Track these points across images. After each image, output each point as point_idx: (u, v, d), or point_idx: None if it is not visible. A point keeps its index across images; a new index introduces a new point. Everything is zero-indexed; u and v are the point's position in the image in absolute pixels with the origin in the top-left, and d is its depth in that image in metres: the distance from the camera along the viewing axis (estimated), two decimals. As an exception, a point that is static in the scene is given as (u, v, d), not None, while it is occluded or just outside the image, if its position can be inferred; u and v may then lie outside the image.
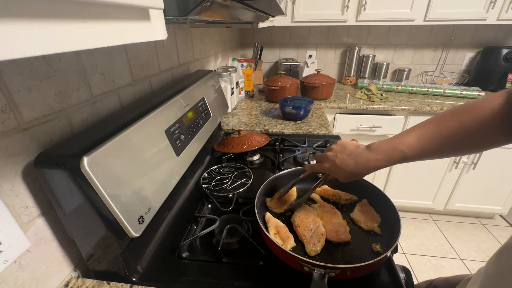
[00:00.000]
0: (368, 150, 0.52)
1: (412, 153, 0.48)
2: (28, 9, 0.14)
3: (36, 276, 0.47)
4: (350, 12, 1.60)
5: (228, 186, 0.81)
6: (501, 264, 0.37)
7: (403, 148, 0.48)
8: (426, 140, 0.47)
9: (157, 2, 0.24)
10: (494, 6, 1.48)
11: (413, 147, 0.48)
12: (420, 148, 0.47)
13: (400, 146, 0.49)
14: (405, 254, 1.66)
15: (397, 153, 0.49)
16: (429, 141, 0.47)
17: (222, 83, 1.29)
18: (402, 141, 0.49)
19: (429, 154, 0.48)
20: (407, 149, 0.48)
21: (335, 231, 0.59)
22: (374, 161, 0.51)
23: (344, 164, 0.53)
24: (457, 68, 1.98)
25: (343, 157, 0.54)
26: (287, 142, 1.10)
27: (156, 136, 0.58)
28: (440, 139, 0.46)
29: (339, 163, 0.54)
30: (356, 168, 0.52)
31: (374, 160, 0.51)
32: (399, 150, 0.48)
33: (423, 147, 0.47)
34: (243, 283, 0.53)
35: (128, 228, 0.44)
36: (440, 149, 0.47)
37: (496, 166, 1.63)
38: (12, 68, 0.41)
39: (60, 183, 0.42)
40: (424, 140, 0.47)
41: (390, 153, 0.49)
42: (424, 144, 0.47)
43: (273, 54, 2.15)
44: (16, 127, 0.42)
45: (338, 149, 0.56)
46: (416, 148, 0.48)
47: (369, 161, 0.51)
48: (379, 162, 0.51)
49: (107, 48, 0.62)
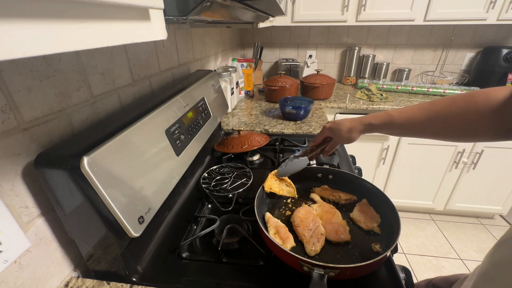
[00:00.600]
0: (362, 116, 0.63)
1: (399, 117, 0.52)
2: (28, 9, 0.14)
3: (36, 276, 0.47)
4: (350, 12, 1.60)
5: (228, 186, 0.81)
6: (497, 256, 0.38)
7: (392, 112, 0.54)
8: (416, 110, 0.51)
9: (157, 2, 0.24)
10: (494, 6, 1.48)
11: (401, 113, 0.53)
12: (407, 116, 0.51)
13: (391, 111, 0.55)
14: (405, 254, 1.66)
15: (385, 114, 0.56)
16: (418, 111, 0.50)
17: (222, 83, 1.29)
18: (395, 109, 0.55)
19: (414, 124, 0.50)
20: (395, 113, 0.54)
21: (334, 231, 0.59)
22: (364, 117, 0.61)
23: (341, 121, 0.66)
24: (457, 68, 1.98)
25: (340, 120, 0.67)
26: (287, 142, 1.10)
27: (156, 136, 0.58)
28: (429, 112, 0.48)
29: (336, 121, 0.67)
30: (350, 122, 0.64)
31: (364, 117, 0.61)
32: (388, 112, 0.55)
33: (410, 115, 0.51)
34: (243, 283, 0.53)
35: (128, 228, 0.44)
36: (426, 122, 0.49)
37: (496, 166, 1.63)
38: (12, 68, 0.41)
39: (60, 183, 0.42)
40: (415, 110, 0.51)
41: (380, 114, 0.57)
42: (412, 113, 0.51)
43: (273, 54, 2.15)
44: (16, 127, 0.42)
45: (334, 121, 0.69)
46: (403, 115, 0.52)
47: (360, 118, 0.62)
48: (368, 118, 0.60)
49: (107, 48, 0.62)
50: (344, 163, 0.93)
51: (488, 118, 0.42)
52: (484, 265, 0.40)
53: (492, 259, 0.38)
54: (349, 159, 0.96)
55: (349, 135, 0.64)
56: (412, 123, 0.50)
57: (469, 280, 0.43)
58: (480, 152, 1.59)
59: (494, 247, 0.39)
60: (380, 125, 0.58)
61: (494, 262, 0.37)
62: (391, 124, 0.54)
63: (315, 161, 0.91)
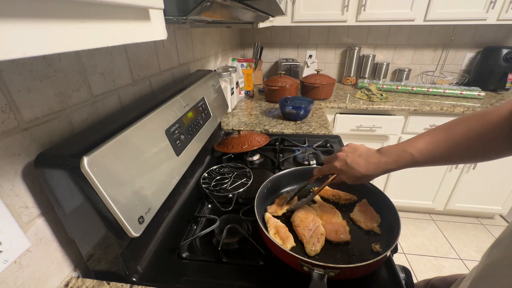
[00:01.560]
0: (378, 153, 0.54)
1: (421, 156, 0.49)
2: (28, 9, 0.14)
3: (36, 276, 0.47)
4: (350, 12, 1.60)
5: (228, 186, 0.81)
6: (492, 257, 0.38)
7: (412, 151, 0.49)
8: (435, 144, 0.48)
9: (157, 2, 0.24)
10: (494, 6, 1.48)
11: (422, 151, 0.49)
12: (429, 152, 0.48)
13: (410, 149, 0.50)
14: (405, 254, 1.66)
15: (406, 156, 0.50)
16: (438, 145, 0.48)
17: (222, 83, 1.29)
18: (412, 145, 0.50)
19: (438, 159, 0.48)
20: (416, 153, 0.49)
21: (334, 231, 0.59)
22: (384, 163, 0.52)
23: (355, 163, 0.54)
24: (457, 68, 1.98)
25: (354, 157, 0.55)
26: (287, 142, 1.10)
27: (156, 136, 0.58)
28: (448, 144, 0.47)
29: (350, 162, 0.54)
30: (367, 168, 0.53)
31: (384, 162, 0.52)
32: (409, 153, 0.50)
33: (431, 151, 0.48)
34: (243, 283, 0.53)
35: (128, 228, 0.44)
36: (449, 154, 0.47)
37: (496, 166, 1.63)
38: (12, 68, 0.41)
39: (60, 183, 0.42)
40: (433, 144, 0.48)
41: (400, 156, 0.51)
42: (432, 148, 0.48)
43: (273, 54, 2.15)
44: (16, 127, 0.42)
45: (349, 150, 0.57)
46: (425, 152, 0.48)
47: (379, 162, 0.52)
48: (389, 164, 0.52)
49: (107, 48, 0.62)
50: (344, 163, 0.93)
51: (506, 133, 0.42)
52: (480, 265, 0.40)
53: (488, 260, 0.38)
54: (349, 159, 0.96)
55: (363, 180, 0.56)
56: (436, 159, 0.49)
57: (466, 280, 0.43)
58: (480, 152, 1.59)
59: (490, 248, 0.39)
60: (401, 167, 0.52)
61: (489, 263, 0.38)
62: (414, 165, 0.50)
63: (315, 160, 0.91)
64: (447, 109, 1.50)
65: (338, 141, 1.11)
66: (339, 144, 1.09)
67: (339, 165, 0.56)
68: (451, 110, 1.49)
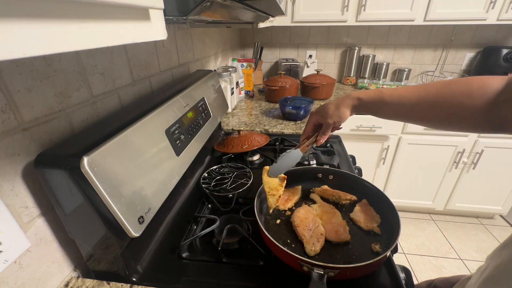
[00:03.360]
0: None
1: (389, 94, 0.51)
2: (28, 9, 0.14)
3: (36, 276, 0.47)
4: (350, 12, 1.60)
5: (228, 186, 0.81)
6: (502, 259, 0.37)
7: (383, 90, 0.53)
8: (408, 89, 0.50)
9: (157, 2, 0.24)
10: (494, 6, 1.48)
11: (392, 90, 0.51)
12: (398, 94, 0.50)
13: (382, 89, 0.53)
14: (405, 254, 1.66)
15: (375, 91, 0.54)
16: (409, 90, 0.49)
17: (222, 83, 1.29)
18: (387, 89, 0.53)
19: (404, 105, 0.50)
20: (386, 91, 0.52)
21: (334, 231, 0.59)
22: (353, 92, 0.58)
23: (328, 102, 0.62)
24: (457, 68, 1.98)
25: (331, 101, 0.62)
26: (287, 142, 1.10)
27: (156, 136, 0.58)
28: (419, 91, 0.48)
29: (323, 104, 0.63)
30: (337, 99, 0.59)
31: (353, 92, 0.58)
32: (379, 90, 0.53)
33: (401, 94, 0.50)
34: (243, 283, 0.53)
35: (128, 228, 0.44)
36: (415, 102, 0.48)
37: (496, 166, 1.63)
38: (12, 68, 0.41)
39: (60, 183, 0.42)
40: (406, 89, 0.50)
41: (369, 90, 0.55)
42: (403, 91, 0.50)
43: (273, 54, 2.15)
44: (16, 127, 0.42)
45: None
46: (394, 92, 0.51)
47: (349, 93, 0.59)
48: (357, 92, 0.57)
49: (107, 48, 0.62)
50: (344, 163, 0.93)
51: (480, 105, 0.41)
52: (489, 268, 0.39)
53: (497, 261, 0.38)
54: (349, 159, 0.97)
55: (337, 112, 0.59)
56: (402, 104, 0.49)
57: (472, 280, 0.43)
58: (480, 152, 1.59)
59: (499, 249, 0.39)
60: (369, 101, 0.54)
61: (499, 265, 0.37)
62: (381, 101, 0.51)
63: (315, 160, 0.91)
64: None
65: (338, 141, 1.11)
66: (339, 144, 1.09)
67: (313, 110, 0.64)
68: (451, 110, 1.49)
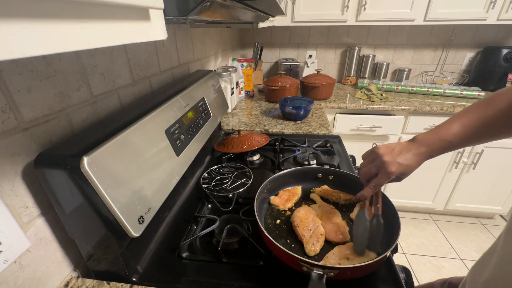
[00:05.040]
0: (417, 143, 0.54)
1: (457, 142, 0.51)
2: (28, 9, 0.14)
3: (36, 276, 0.47)
4: (350, 12, 1.60)
5: (228, 186, 0.81)
6: None
7: (449, 138, 0.52)
8: (469, 128, 0.50)
9: (157, 2, 0.24)
10: (494, 6, 1.48)
11: (458, 136, 0.51)
12: (464, 136, 0.51)
13: (447, 136, 0.52)
14: (405, 254, 1.66)
15: (444, 144, 0.52)
16: (471, 129, 0.50)
17: (222, 83, 1.29)
18: (447, 132, 0.52)
19: (471, 142, 0.51)
20: (453, 139, 0.51)
21: (334, 231, 0.59)
22: (425, 153, 0.53)
23: (406, 160, 0.54)
24: (457, 68, 1.99)
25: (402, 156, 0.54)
26: (287, 142, 1.10)
27: (156, 136, 0.58)
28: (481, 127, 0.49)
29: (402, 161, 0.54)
30: (417, 160, 0.54)
31: (425, 152, 0.53)
32: (446, 141, 0.52)
33: (466, 135, 0.51)
34: (243, 283, 0.53)
35: (128, 228, 0.44)
36: (481, 136, 0.50)
37: (496, 166, 1.63)
38: (12, 68, 0.41)
39: (60, 183, 0.42)
40: (467, 128, 0.51)
41: (438, 144, 0.52)
42: (467, 132, 0.50)
43: (273, 54, 2.15)
44: (16, 127, 0.42)
45: (388, 151, 0.55)
46: (460, 137, 0.51)
47: (420, 154, 0.54)
48: (428, 153, 0.53)
49: (107, 48, 0.62)
50: (344, 163, 0.93)
51: None
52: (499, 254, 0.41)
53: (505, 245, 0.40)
54: (349, 159, 0.97)
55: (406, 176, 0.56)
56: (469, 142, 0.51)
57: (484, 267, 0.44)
58: (480, 152, 1.59)
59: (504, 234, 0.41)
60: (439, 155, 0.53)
61: None
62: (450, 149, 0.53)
63: (315, 160, 0.91)
64: (447, 109, 1.50)
65: (338, 141, 1.11)
66: (339, 144, 1.09)
67: (395, 168, 0.53)
68: (451, 110, 1.49)
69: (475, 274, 0.48)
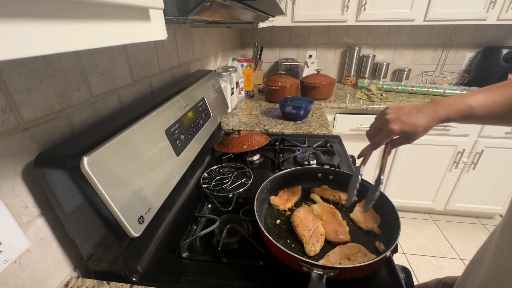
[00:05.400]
0: (433, 103, 0.50)
1: (479, 109, 0.48)
2: (28, 9, 0.14)
3: (36, 276, 0.47)
4: (350, 12, 1.60)
5: (228, 186, 0.81)
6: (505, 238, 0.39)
7: (471, 102, 0.48)
8: (493, 99, 0.47)
9: (157, 2, 0.24)
10: (494, 6, 1.48)
11: (481, 104, 0.48)
12: (487, 107, 0.47)
13: (469, 100, 0.48)
14: (405, 254, 1.66)
15: (465, 106, 0.48)
16: (495, 101, 0.47)
17: (222, 83, 1.29)
18: (470, 97, 0.48)
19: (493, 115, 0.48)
20: (476, 104, 0.48)
21: (334, 231, 0.59)
22: (442, 112, 0.49)
23: (413, 118, 0.50)
24: (457, 68, 1.99)
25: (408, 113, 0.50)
26: (287, 142, 1.10)
27: (156, 136, 0.58)
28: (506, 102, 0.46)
29: (407, 119, 0.50)
30: (427, 120, 0.49)
31: (442, 111, 0.49)
32: (468, 104, 0.48)
33: (489, 106, 0.47)
34: (243, 283, 0.53)
35: (128, 228, 0.44)
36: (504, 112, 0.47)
37: (496, 166, 1.63)
38: (12, 68, 0.41)
39: (60, 183, 0.42)
40: (491, 99, 0.47)
41: (458, 106, 0.48)
42: (490, 102, 0.47)
43: (273, 54, 2.15)
44: (16, 127, 0.42)
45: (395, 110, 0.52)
46: (483, 105, 0.48)
47: (436, 112, 0.49)
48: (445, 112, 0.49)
49: (107, 48, 0.62)
50: (344, 163, 0.93)
51: None
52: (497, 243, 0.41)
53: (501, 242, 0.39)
54: (349, 159, 0.97)
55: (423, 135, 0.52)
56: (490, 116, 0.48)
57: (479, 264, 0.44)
58: (480, 152, 1.59)
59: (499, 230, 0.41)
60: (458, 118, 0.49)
61: None
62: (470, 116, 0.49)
63: (315, 160, 0.91)
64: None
65: (338, 141, 1.11)
66: (339, 144, 1.09)
67: (397, 126, 0.50)
68: (451, 110, 1.49)
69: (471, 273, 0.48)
